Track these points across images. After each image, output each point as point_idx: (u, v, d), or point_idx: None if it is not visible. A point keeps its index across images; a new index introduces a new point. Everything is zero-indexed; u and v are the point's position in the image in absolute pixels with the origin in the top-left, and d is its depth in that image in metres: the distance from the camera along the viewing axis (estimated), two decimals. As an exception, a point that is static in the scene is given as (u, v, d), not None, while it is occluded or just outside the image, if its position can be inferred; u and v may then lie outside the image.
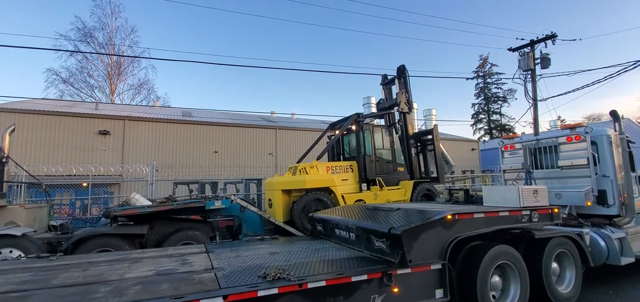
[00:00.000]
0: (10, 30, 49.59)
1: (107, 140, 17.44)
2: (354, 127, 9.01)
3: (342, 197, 7.89)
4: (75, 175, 11.81)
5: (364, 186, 8.53)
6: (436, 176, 9.95)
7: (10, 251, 5.77)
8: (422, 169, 10.42)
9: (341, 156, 9.66)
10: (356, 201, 8.06)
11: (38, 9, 52.27)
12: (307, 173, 7.84)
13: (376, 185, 8.57)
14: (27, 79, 57.34)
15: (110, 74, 35.74)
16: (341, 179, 8.32)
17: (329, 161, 9.39)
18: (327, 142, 9.80)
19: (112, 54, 35.27)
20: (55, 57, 45.49)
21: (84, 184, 10.88)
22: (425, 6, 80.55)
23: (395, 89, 10.50)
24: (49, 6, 52.70)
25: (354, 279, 3.59)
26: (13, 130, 7.64)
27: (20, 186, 9.77)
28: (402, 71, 10.13)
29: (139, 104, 34.93)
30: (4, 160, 7.01)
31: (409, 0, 79.91)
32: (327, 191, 7.80)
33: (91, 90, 34.90)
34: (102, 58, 34.36)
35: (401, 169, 9.50)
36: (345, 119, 9.22)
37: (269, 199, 8.03)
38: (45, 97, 27.18)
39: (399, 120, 10.24)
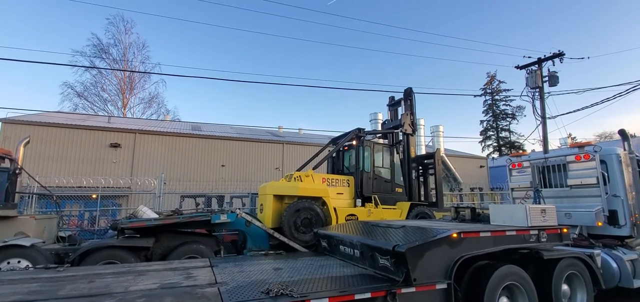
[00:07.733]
0: (28, 46, 51.38)
1: (117, 153, 17.76)
2: (354, 143, 9.00)
3: (335, 209, 7.80)
4: (85, 187, 12.01)
5: (359, 201, 8.43)
6: (435, 201, 9.82)
7: (19, 261, 5.86)
8: (422, 193, 10.29)
9: (340, 171, 9.59)
10: (349, 216, 7.97)
11: (53, 25, 54.20)
12: (301, 181, 7.77)
13: (371, 202, 8.48)
14: (43, 92, 59.06)
15: (123, 88, 36.69)
16: (336, 192, 8.25)
17: (328, 173, 9.32)
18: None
19: (125, 70, 36.23)
20: (71, 72, 46.93)
21: (93, 196, 11.05)
22: (433, 25, 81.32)
23: (401, 110, 10.49)
24: (64, 23, 54.61)
25: (357, 296, 3.56)
26: (28, 143, 7.85)
27: (32, 196, 9.97)
28: (408, 93, 10.14)
29: (150, 117, 35.64)
30: (17, 171, 7.19)
31: (417, 19, 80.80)
32: (320, 201, 7.71)
33: (104, 104, 35.84)
34: (116, 73, 35.36)
35: (399, 190, 9.37)
36: (347, 134, 9.19)
37: (261, 204, 7.88)
38: (60, 110, 27.90)
39: (401, 141, 10.16)
